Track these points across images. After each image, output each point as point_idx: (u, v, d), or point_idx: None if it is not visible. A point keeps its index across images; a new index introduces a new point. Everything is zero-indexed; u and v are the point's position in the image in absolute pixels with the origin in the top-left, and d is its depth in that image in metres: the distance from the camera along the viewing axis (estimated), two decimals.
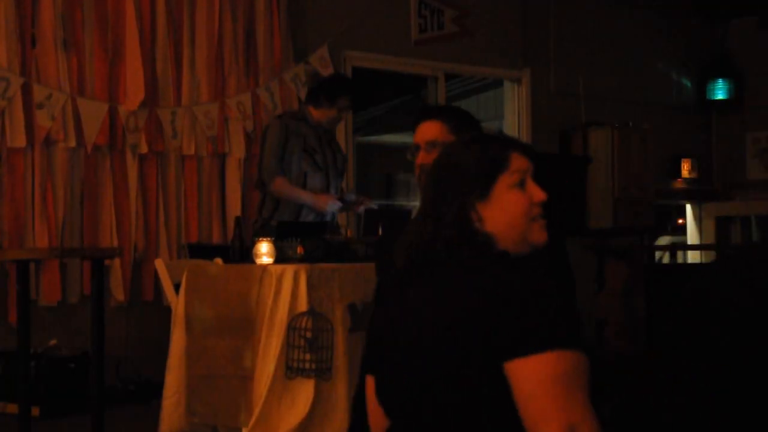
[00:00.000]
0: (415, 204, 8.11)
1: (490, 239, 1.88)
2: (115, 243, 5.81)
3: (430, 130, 2.91)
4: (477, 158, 1.92)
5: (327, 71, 6.67)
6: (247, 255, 4.39)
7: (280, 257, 4.34)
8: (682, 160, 9.12)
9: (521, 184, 1.92)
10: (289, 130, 5.20)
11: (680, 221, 9.61)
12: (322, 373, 4.16)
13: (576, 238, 7.70)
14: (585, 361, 1.70)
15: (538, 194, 1.93)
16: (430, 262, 1.88)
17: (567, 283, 2.69)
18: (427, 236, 1.89)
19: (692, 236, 9.46)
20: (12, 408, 4.96)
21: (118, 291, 5.85)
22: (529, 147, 1.99)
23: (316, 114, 5.26)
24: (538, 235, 1.93)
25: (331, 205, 5.17)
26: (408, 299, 1.90)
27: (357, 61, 7.09)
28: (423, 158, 2.88)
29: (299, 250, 4.41)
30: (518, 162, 1.93)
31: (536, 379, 1.67)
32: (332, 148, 5.37)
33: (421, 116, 2.97)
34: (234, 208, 6.23)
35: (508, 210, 1.89)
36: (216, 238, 6.21)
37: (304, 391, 4.14)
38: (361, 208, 5.42)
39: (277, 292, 4.13)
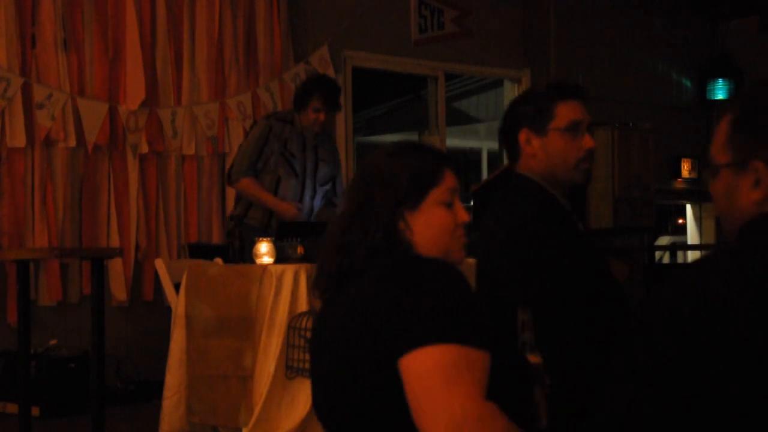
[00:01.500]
0: None
1: (412, 247, 1.88)
2: (115, 243, 5.81)
3: (585, 110, 2.65)
4: (412, 169, 1.91)
5: (327, 71, 6.67)
6: (247, 255, 4.39)
7: (280, 257, 4.34)
8: (682, 160, 9.12)
9: (449, 203, 1.93)
10: (273, 131, 5.15)
11: (680, 221, 9.61)
12: None
13: None
14: (480, 358, 1.67)
15: (463, 215, 1.94)
16: (352, 269, 1.87)
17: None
18: (353, 242, 1.87)
19: (692, 236, 9.46)
20: (12, 408, 4.97)
21: (119, 291, 5.85)
22: (459, 167, 1.99)
23: (302, 118, 5.20)
24: (459, 254, 1.94)
25: (297, 212, 5.08)
26: (329, 307, 1.90)
27: (357, 61, 7.09)
28: (591, 141, 2.62)
29: (299, 250, 4.40)
30: (450, 180, 1.93)
31: (418, 372, 1.65)
32: (317, 156, 5.29)
33: (578, 92, 2.67)
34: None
35: (433, 225, 1.90)
36: (216, 238, 6.21)
37: (304, 391, 4.14)
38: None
39: (277, 292, 4.13)
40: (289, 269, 4.18)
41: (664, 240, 9.54)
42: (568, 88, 2.66)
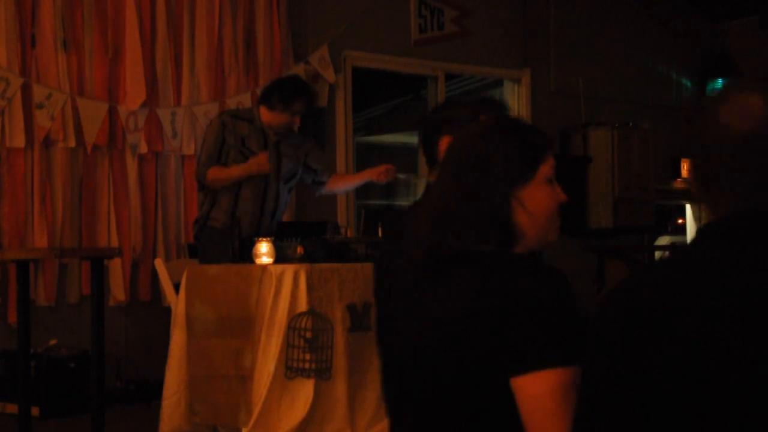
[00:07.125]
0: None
1: (520, 233, 1.85)
2: (115, 243, 5.81)
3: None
4: (522, 145, 1.87)
5: (327, 71, 6.67)
6: (247, 255, 4.39)
7: (280, 257, 4.34)
8: (682, 160, 9.11)
9: (551, 181, 1.90)
10: (227, 128, 5.00)
11: (680, 221, 9.60)
12: (321, 373, 4.16)
13: (576, 238, 7.70)
14: (578, 374, 1.65)
15: (562, 195, 1.92)
16: (452, 256, 1.81)
17: None
18: (463, 223, 1.82)
19: (692, 236, 9.45)
20: (12, 408, 4.96)
21: (118, 291, 5.85)
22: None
23: (268, 117, 5.02)
24: (554, 234, 1.93)
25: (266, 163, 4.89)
26: (422, 295, 1.84)
27: (357, 61, 7.09)
28: None
29: (299, 250, 4.41)
30: (551, 157, 1.92)
31: (535, 394, 1.67)
32: (279, 153, 5.10)
33: (496, 106, 2.73)
34: None
35: (540, 203, 1.87)
36: None
37: (304, 391, 4.14)
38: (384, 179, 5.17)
39: (277, 292, 4.14)
40: (289, 269, 4.18)
41: (664, 240, 9.53)
42: (488, 102, 2.74)
